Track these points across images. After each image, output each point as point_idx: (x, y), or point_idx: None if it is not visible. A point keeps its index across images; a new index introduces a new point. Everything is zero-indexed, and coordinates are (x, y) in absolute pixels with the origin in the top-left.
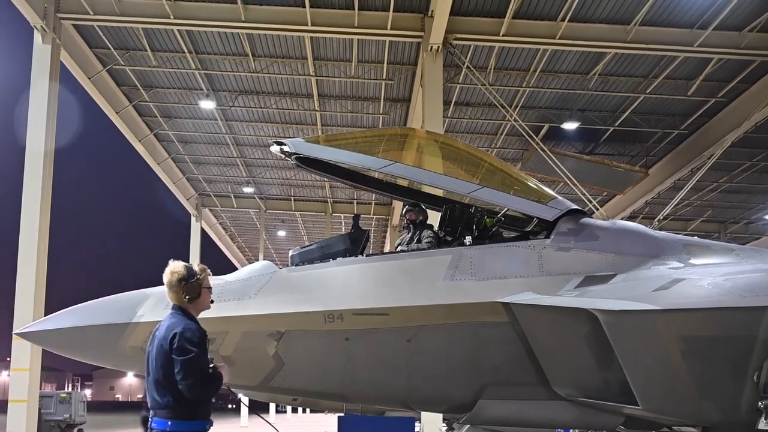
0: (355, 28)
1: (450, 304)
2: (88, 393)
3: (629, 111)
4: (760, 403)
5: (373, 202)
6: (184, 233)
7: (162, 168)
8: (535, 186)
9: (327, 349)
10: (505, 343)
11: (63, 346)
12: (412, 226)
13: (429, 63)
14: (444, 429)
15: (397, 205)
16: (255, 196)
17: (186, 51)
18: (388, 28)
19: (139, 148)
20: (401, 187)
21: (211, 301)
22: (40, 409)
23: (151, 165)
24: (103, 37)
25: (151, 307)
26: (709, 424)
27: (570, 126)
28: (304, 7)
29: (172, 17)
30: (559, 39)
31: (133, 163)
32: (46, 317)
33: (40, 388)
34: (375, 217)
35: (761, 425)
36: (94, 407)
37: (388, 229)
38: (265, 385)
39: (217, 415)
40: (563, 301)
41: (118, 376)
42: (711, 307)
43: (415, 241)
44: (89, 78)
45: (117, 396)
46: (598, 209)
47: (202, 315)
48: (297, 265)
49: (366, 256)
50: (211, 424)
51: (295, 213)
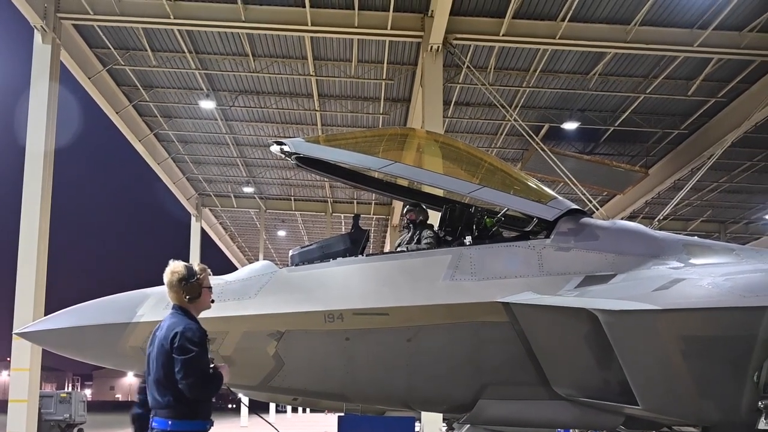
0: (355, 28)
1: (450, 304)
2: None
3: (629, 111)
4: (760, 403)
5: (373, 202)
6: (184, 233)
7: (162, 168)
8: (535, 186)
9: (327, 349)
10: (505, 343)
11: (63, 345)
12: (412, 226)
13: (429, 63)
14: (444, 429)
15: (397, 205)
16: (255, 195)
17: (186, 51)
18: (388, 28)
19: (139, 148)
20: (401, 187)
21: (212, 301)
22: (40, 409)
23: (151, 165)
24: (103, 36)
25: (151, 306)
26: (709, 423)
27: (570, 126)
28: (304, 7)
29: (172, 17)
30: (559, 39)
31: (133, 163)
32: (46, 317)
33: (40, 388)
34: (375, 217)
35: (761, 425)
36: (94, 407)
37: (388, 229)
38: (265, 385)
39: (217, 415)
40: (563, 301)
41: (118, 376)
42: (711, 307)
43: (415, 241)
44: (89, 78)
45: (117, 396)
46: (598, 209)
47: (202, 315)
48: (297, 265)
49: (366, 256)
50: (211, 424)
51: (295, 213)
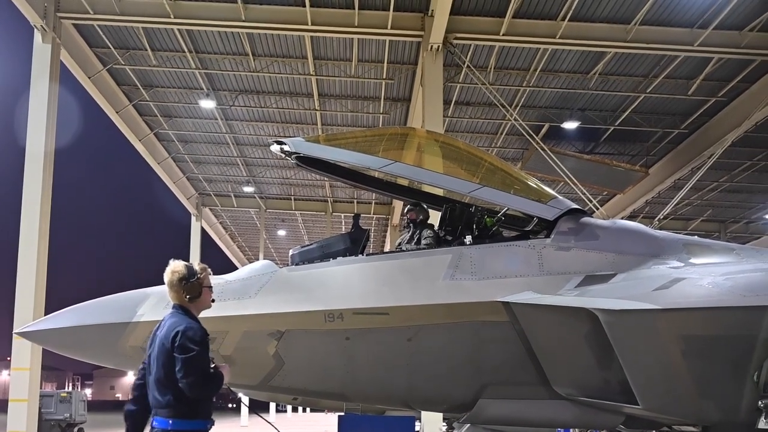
0: (356, 27)
1: (450, 304)
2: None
3: (629, 110)
4: (760, 403)
5: (373, 202)
6: (185, 233)
7: (162, 167)
8: (535, 185)
9: (327, 348)
10: (505, 343)
11: (63, 345)
12: (412, 226)
13: (429, 62)
14: (444, 428)
15: (398, 205)
16: (255, 195)
17: (186, 50)
18: (389, 27)
19: (140, 148)
20: (401, 186)
21: (212, 300)
22: (40, 408)
23: (151, 164)
24: (103, 36)
25: (151, 306)
26: (709, 423)
27: (570, 125)
28: (304, 6)
29: (172, 17)
30: (559, 38)
31: (133, 162)
32: (46, 317)
33: (41, 388)
34: (375, 216)
35: (761, 424)
36: (94, 406)
37: (389, 228)
38: (266, 385)
39: (218, 415)
40: (563, 301)
41: (118, 376)
42: (711, 306)
43: (416, 240)
44: (89, 77)
45: (117, 395)
46: (598, 209)
47: (202, 314)
48: (297, 264)
49: (366, 255)
50: (212, 424)
51: (296, 212)
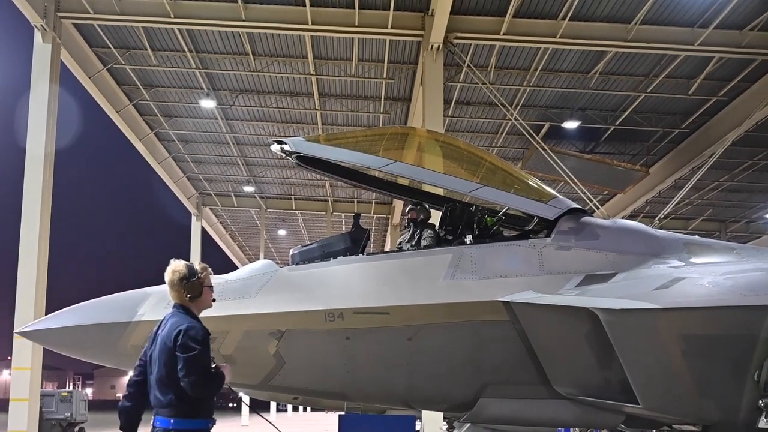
0: (356, 27)
1: (451, 303)
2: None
3: (630, 110)
4: (760, 402)
5: (373, 201)
6: (185, 232)
7: (162, 167)
8: (535, 185)
9: (328, 347)
10: (505, 342)
11: (64, 344)
12: (413, 225)
13: (429, 62)
14: (445, 428)
15: (398, 204)
16: (255, 195)
17: (186, 50)
18: (389, 27)
19: (140, 147)
20: (402, 186)
21: (213, 300)
22: (41, 407)
23: (151, 164)
24: (104, 36)
25: (152, 306)
26: (710, 422)
27: (571, 125)
28: (305, 6)
29: (172, 16)
30: (559, 38)
31: (134, 162)
32: (47, 316)
33: (42, 387)
34: (376, 216)
35: (761, 424)
36: (95, 406)
37: (389, 228)
38: (266, 384)
39: (218, 414)
40: (564, 300)
41: (119, 375)
42: (712, 305)
43: (416, 240)
44: (89, 77)
45: (118, 395)
46: (598, 208)
47: (202, 314)
48: (298, 264)
49: (367, 255)
50: (213, 423)
51: (296, 212)
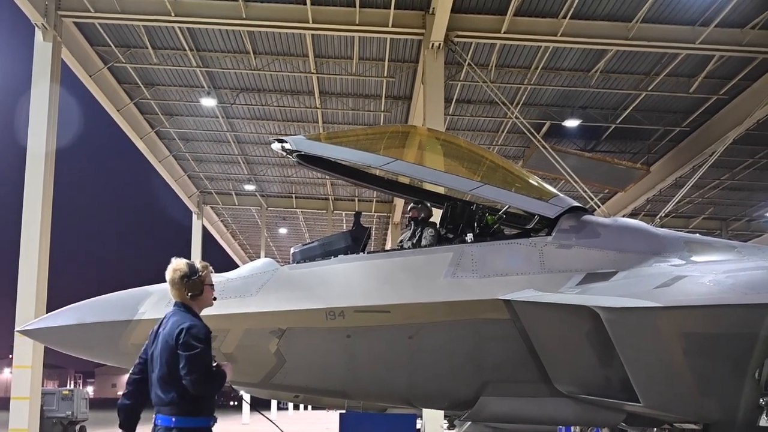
0: (357, 25)
1: (451, 302)
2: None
3: (631, 108)
4: (761, 400)
5: (374, 200)
6: (186, 231)
7: (163, 165)
8: (536, 183)
9: (328, 346)
10: (506, 341)
11: (65, 343)
12: (414, 224)
13: (430, 60)
14: (445, 426)
15: (399, 203)
16: (256, 193)
17: (187, 48)
18: (390, 25)
19: (141, 146)
20: (403, 184)
21: (214, 298)
22: (42, 406)
23: (152, 163)
24: (104, 34)
25: (153, 304)
26: (710, 421)
27: (571, 123)
28: (305, 4)
29: (173, 14)
30: (560, 36)
31: (134, 160)
32: (48, 315)
33: (43, 386)
34: (376, 214)
35: (762, 422)
36: (96, 404)
37: (390, 226)
38: (267, 383)
39: (219, 412)
40: (565, 299)
41: (120, 373)
42: (712, 304)
43: (417, 238)
44: (90, 76)
45: (119, 393)
46: (599, 207)
47: (203, 312)
48: (298, 262)
49: (367, 253)
50: (215, 421)
51: (297, 210)
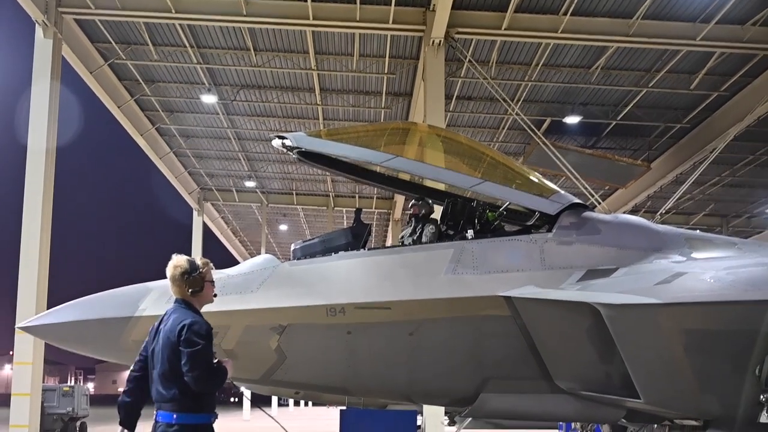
0: (357, 22)
1: (452, 298)
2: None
3: (631, 105)
4: (761, 397)
5: (375, 197)
6: (186, 227)
7: (164, 162)
8: (537, 180)
9: (329, 342)
10: (507, 337)
11: (65, 339)
12: (414, 220)
13: (431, 57)
14: (446, 422)
15: (399, 200)
16: (257, 190)
17: (187, 45)
18: (390, 22)
19: (141, 143)
20: (403, 181)
21: (214, 295)
22: (42, 402)
23: (153, 159)
24: (105, 31)
25: (153, 300)
26: (711, 417)
27: (572, 120)
28: (306, 1)
29: (173, 11)
30: (561, 33)
31: (135, 157)
32: (48, 311)
33: (43, 382)
34: (377, 211)
35: (762, 419)
36: (96, 401)
37: (390, 223)
38: (268, 379)
39: (220, 409)
40: (565, 295)
41: (120, 370)
42: (713, 300)
43: (417, 235)
44: (91, 72)
45: (119, 389)
46: (600, 203)
47: (204, 309)
48: (299, 258)
49: (368, 250)
50: (216, 417)
51: (297, 207)
